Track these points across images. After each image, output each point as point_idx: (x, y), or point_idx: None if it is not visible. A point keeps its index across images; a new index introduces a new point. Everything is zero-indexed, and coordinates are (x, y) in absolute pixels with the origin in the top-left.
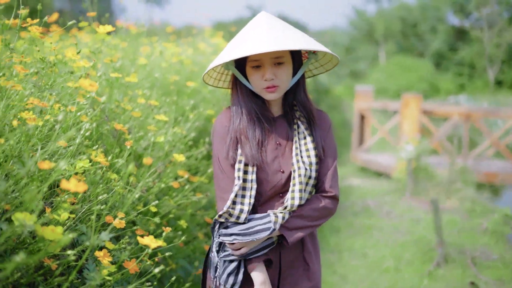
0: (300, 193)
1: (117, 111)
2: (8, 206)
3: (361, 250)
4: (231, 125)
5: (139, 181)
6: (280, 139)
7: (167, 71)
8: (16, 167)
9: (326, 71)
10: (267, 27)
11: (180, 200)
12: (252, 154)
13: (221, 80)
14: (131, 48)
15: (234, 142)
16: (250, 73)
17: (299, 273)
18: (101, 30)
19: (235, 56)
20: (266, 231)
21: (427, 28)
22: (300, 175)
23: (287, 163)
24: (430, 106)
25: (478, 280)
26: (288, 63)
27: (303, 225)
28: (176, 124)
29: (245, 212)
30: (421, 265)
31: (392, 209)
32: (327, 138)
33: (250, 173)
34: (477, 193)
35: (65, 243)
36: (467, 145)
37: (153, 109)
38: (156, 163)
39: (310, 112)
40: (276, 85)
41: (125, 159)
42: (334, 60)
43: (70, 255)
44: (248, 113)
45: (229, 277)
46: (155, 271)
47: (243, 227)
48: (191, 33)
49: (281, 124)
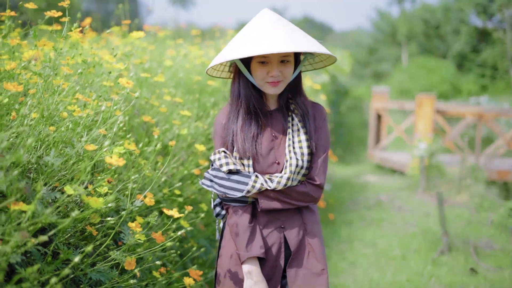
0: (287, 180)
1: (146, 107)
2: (57, 183)
3: (371, 240)
4: (227, 121)
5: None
6: (276, 131)
7: (190, 72)
8: (65, 150)
9: (314, 69)
10: (277, 26)
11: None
12: (244, 147)
13: (219, 71)
14: (157, 50)
15: (231, 137)
16: (255, 67)
17: (305, 255)
18: (134, 35)
19: (254, 53)
20: (239, 192)
21: (449, 29)
22: (291, 165)
23: (281, 155)
24: (444, 106)
25: (478, 267)
26: (292, 61)
27: (280, 199)
28: (198, 119)
29: (229, 167)
30: (426, 253)
31: (404, 204)
32: (320, 130)
33: (246, 166)
34: (486, 189)
35: (106, 211)
36: (480, 144)
37: (178, 106)
38: (179, 153)
39: (304, 106)
40: (280, 80)
41: (153, 147)
42: (327, 61)
43: (110, 221)
44: (246, 106)
45: (215, 208)
46: (178, 234)
47: (224, 177)
48: (214, 35)
49: (277, 117)
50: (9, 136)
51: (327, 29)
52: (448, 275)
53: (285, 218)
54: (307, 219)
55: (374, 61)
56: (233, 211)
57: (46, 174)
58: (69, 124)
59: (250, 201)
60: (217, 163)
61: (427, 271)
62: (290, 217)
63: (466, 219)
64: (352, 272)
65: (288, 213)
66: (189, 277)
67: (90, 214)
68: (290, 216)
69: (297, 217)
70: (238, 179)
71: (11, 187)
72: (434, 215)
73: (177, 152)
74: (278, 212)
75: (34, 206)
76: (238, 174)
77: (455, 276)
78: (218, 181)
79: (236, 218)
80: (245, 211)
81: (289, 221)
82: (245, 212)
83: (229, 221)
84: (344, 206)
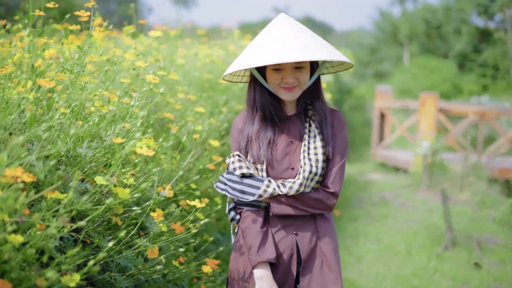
0: (300, 186)
1: (162, 104)
2: (83, 175)
3: (376, 236)
4: (244, 126)
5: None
6: (292, 137)
7: (201, 70)
8: (90, 144)
9: (336, 72)
10: (291, 33)
11: (215, 179)
12: (259, 153)
13: (235, 75)
14: (169, 49)
15: (245, 142)
16: (270, 74)
17: (318, 264)
18: (153, 34)
19: (264, 63)
20: (251, 196)
21: (451, 29)
22: (305, 171)
23: (296, 160)
24: (447, 105)
25: (482, 262)
26: (307, 67)
27: (292, 204)
28: (211, 116)
29: (242, 170)
30: (431, 248)
31: (407, 201)
32: (337, 137)
33: (260, 170)
34: (488, 187)
35: (129, 202)
36: (482, 143)
37: (191, 103)
38: (195, 148)
39: (322, 112)
40: (295, 86)
41: (171, 142)
42: (347, 64)
43: (136, 210)
44: (262, 112)
45: (229, 212)
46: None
47: (237, 181)
48: (221, 35)
49: (294, 123)
50: (42, 130)
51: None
52: (452, 269)
53: (299, 224)
54: (321, 226)
55: (375, 61)
56: (246, 215)
57: (77, 165)
58: (96, 118)
59: (263, 206)
60: (231, 167)
61: (431, 265)
62: (303, 224)
63: (469, 215)
64: (358, 266)
65: (302, 220)
66: (207, 266)
67: (117, 204)
68: (303, 223)
69: (310, 224)
70: (250, 183)
71: (49, 176)
72: (437, 211)
73: (192, 148)
74: (291, 218)
75: (72, 193)
76: (251, 178)
77: (459, 270)
78: (231, 184)
79: (249, 222)
80: (258, 216)
81: (303, 227)
82: (257, 216)
83: (242, 225)
84: (349, 203)
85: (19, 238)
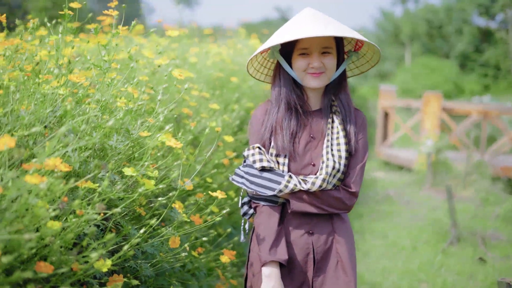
0: (323, 181)
1: (178, 101)
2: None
3: (382, 232)
4: (267, 116)
5: (196, 158)
6: (315, 132)
7: (212, 69)
8: (119, 138)
9: (361, 73)
10: (317, 17)
11: (230, 174)
12: (283, 144)
13: (259, 72)
14: (181, 48)
15: (268, 133)
16: (296, 60)
17: (333, 265)
18: (171, 34)
19: (293, 37)
20: (271, 190)
21: (452, 29)
22: (328, 166)
23: (317, 157)
24: (450, 104)
25: (486, 257)
26: (334, 54)
27: (312, 202)
28: (224, 112)
29: (263, 163)
30: (436, 244)
31: (412, 198)
32: (360, 136)
33: (281, 164)
34: (491, 185)
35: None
36: (485, 141)
37: (204, 100)
38: (212, 142)
39: (348, 109)
40: (322, 71)
41: (189, 137)
42: (373, 60)
43: (160, 201)
44: (287, 102)
45: (242, 207)
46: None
47: (256, 174)
48: (226, 34)
49: (317, 118)
50: (78, 123)
51: None
52: (458, 264)
53: (314, 223)
54: (338, 227)
55: None
56: (262, 210)
57: (105, 158)
58: (121, 113)
59: (281, 202)
60: (250, 159)
61: (437, 260)
62: (319, 223)
63: (473, 212)
64: (365, 261)
65: (318, 219)
66: (225, 256)
67: (142, 195)
68: (320, 222)
69: (327, 224)
70: (270, 177)
71: (83, 166)
72: (441, 208)
73: (207, 144)
74: (308, 216)
75: (107, 182)
76: (271, 172)
77: (465, 265)
78: (249, 177)
79: (264, 218)
80: (274, 212)
81: (319, 227)
82: (274, 212)
83: (256, 219)
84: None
85: (57, 224)
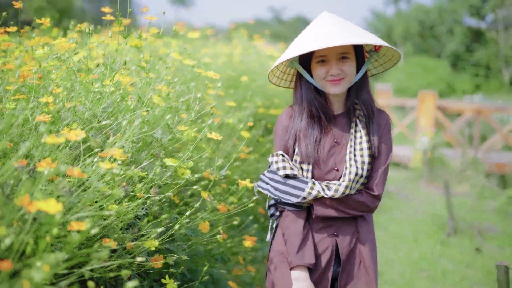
0: (346, 188)
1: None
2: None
3: (383, 225)
4: (292, 123)
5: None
6: (338, 137)
7: (223, 68)
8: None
9: (385, 70)
10: (332, 24)
11: (246, 168)
12: (307, 152)
13: (282, 79)
14: (193, 49)
15: (292, 140)
16: (315, 68)
17: (356, 265)
18: (192, 35)
19: (309, 49)
20: (295, 198)
21: (444, 30)
22: (351, 173)
23: (341, 161)
24: (445, 103)
25: (482, 247)
26: (352, 59)
27: (336, 207)
28: (239, 110)
29: (286, 171)
30: (435, 235)
31: (410, 193)
32: (383, 138)
33: (305, 171)
34: (486, 180)
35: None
36: (478, 139)
37: (220, 98)
38: (231, 138)
39: (371, 111)
40: (341, 77)
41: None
42: (394, 58)
43: (195, 189)
44: (309, 110)
45: (270, 208)
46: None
47: (280, 181)
48: (226, 34)
49: (341, 122)
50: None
51: None
52: (456, 254)
53: (339, 225)
54: (362, 228)
55: None
56: (287, 214)
57: (154, 148)
58: (157, 110)
59: (306, 206)
60: (274, 166)
61: (436, 250)
62: (344, 225)
63: (469, 206)
64: None
65: (342, 221)
66: (247, 241)
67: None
68: (344, 224)
69: (351, 225)
70: (294, 184)
71: (135, 156)
72: (439, 203)
73: (225, 139)
74: (332, 219)
75: (158, 169)
76: (294, 179)
77: (463, 255)
78: (274, 184)
79: (290, 222)
80: (299, 216)
81: (343, 228)
82: (299, 217)
83: (282, 224)
84: None
85: (114, 207)
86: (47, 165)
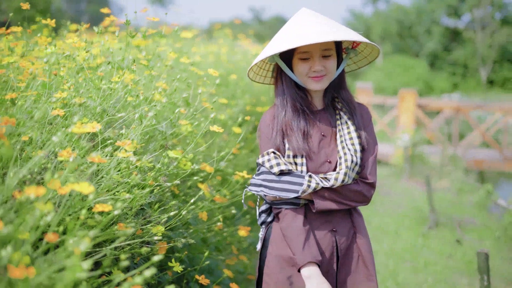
0: (345, 176)
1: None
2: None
3: (366, 219)
4: (275, 119)
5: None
6: (324, 130)
7: (213, 66)
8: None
9: (359, 68)
10: (315, 21)
11: (238, 162)
12: (298, 145)
13: (258, 74)
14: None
15: (280, 136)
16: (297, 64)
17: (354, 260)
18: (186, 35)
19: (295, 45)
20: (294, 193)
21: (422, 29)
22: (347, 160)
23: (332, 154)
24: (425, 101)
25: (462, 239)
26: (334, 56)
27: (335, 199)
28: (229, 107)
29: (280, 167)
30: (417, 228)
31: (392, 189)
32: (368, 128)
33: (299, 165)
34: (465, 176)
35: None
36: (457, 136)
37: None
38: (220, 135)
39: (351, 104)
40: (323, 74)
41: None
42: (370, 57)
43: (196, 180)
44: (293, 103)
45: (261, 215)
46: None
47: (274, 179)
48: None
49: (324, 117)
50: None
51: None
52: (438, 246)
53: (336, 221)
54: (357, 222)
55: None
56: (285, 213)
57: (159, 141)
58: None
59: (303, 203)
60: (267, 165)
61: (418, 242)
62: (341, 220)
63: (449, 201)
64: None
65: (339, 216)
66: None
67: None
68: (341, 219)
69: (347, 220)
70: (290, 179)
71: (144, 146)
72: (420, 197)
73: (218, 134)
74: (329, 214)
75: (166, 160)
76: (289, 174)
77: (444, 246)
78: (268, 184)
79: (289, 221)
80: (298, 214)
81: (340, 224)
82: (298, 214)
83: (282, 224)
84: None
85: (126, 194)
86: (68, 155)
